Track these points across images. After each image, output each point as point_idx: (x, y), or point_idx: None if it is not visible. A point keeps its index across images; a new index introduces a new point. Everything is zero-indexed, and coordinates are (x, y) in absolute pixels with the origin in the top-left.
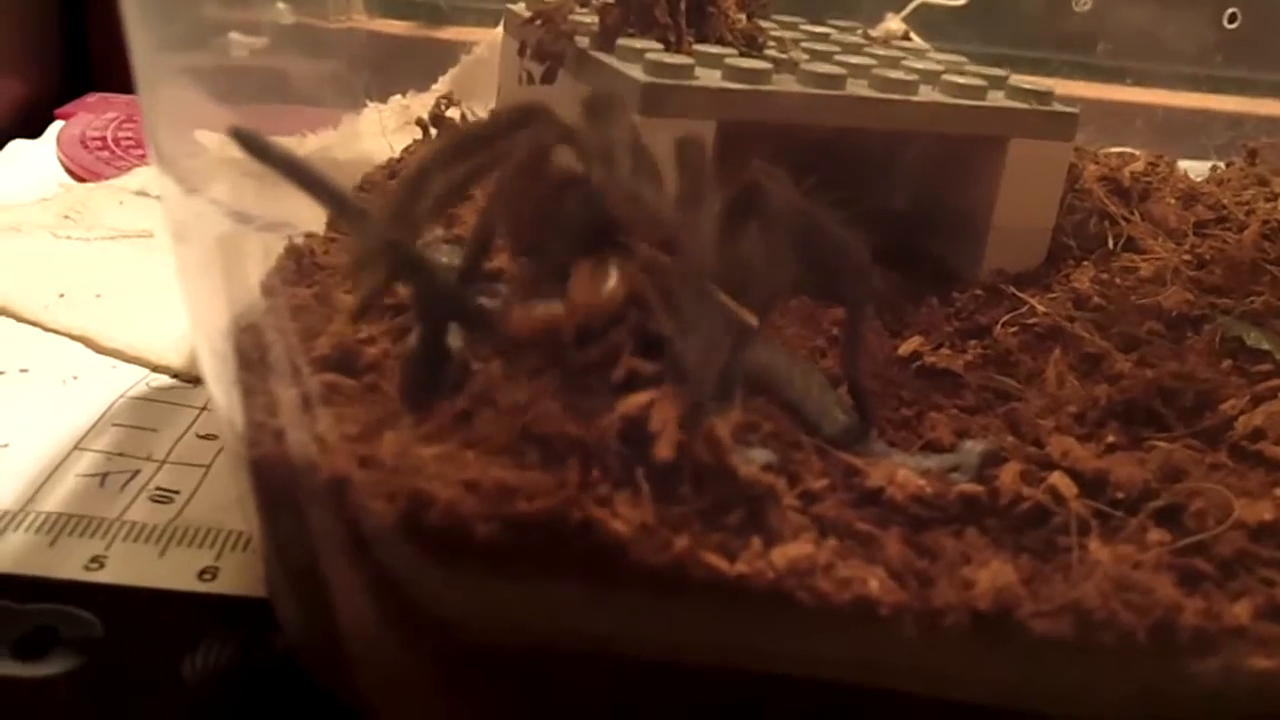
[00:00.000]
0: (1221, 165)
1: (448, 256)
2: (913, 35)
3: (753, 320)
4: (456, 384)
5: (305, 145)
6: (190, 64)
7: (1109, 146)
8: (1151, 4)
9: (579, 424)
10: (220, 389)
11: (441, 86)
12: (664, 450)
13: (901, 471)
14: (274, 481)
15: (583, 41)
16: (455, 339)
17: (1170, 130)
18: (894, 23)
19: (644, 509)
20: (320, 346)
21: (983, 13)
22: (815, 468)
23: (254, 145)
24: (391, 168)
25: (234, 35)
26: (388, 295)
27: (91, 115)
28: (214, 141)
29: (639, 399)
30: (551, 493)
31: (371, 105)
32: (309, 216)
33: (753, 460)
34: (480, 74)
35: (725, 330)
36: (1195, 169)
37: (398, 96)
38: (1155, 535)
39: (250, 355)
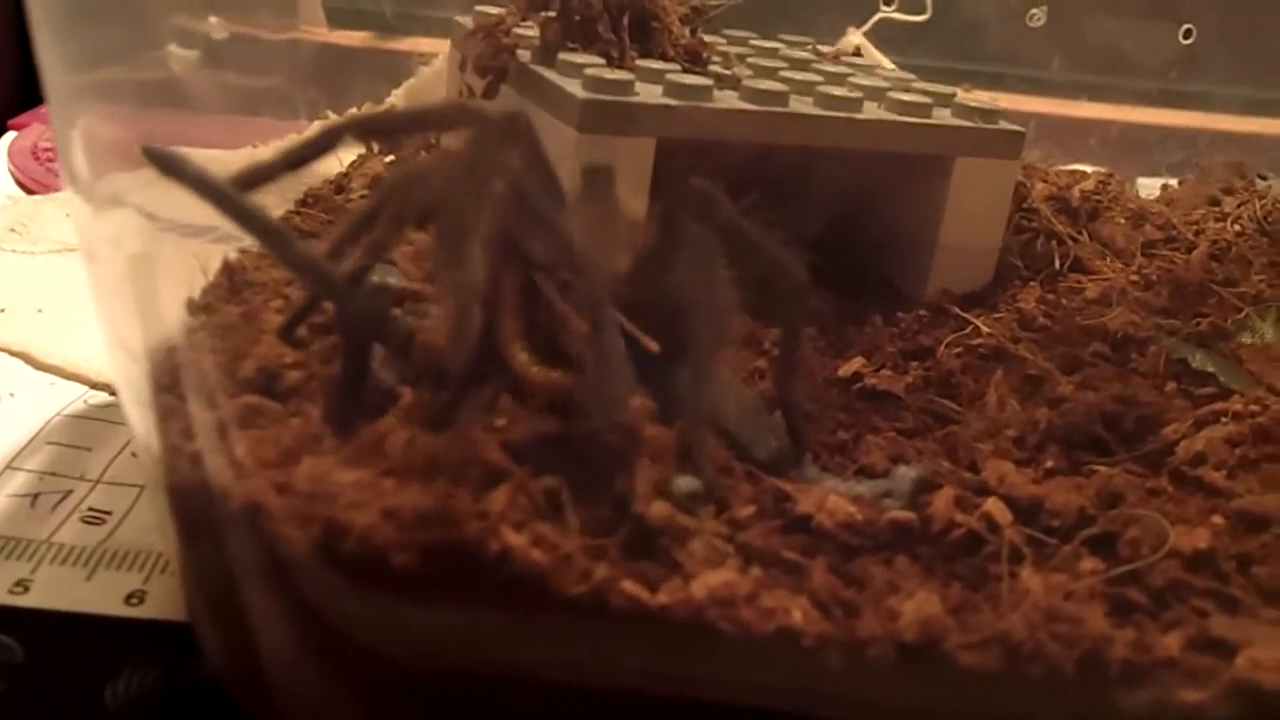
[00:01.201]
0: (1174, 183)
1: (379, 275)
2: (868, 50)
3: (652, 345)
4: (379, 408)
5: (257, 156)
6: (113, 79)
7: (1065, 163)
8: (1107, 20)
9: (498, 451)
10: (136, 411)
11: (396, 99)
12: None
13: (832, 498)
14: (191, 506)
15: (525, 55)
16: (381, 362)
17: (1125, 147)
18: (854, 37)
19: (564, 537)
20: (244, 368)
21: (943, 28)
22: (744, 493)
23: (166, 163)
24: (338, 182)
25: (173, 48)
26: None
27: (44, 126)
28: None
29: None
30: (468, 521)
31: (320, 118)
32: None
33: (679, 488)
34: (436, 87)
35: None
36: (1149, 185)
37: (352, 110)
38: (1089, 564)
39: (168, 377)
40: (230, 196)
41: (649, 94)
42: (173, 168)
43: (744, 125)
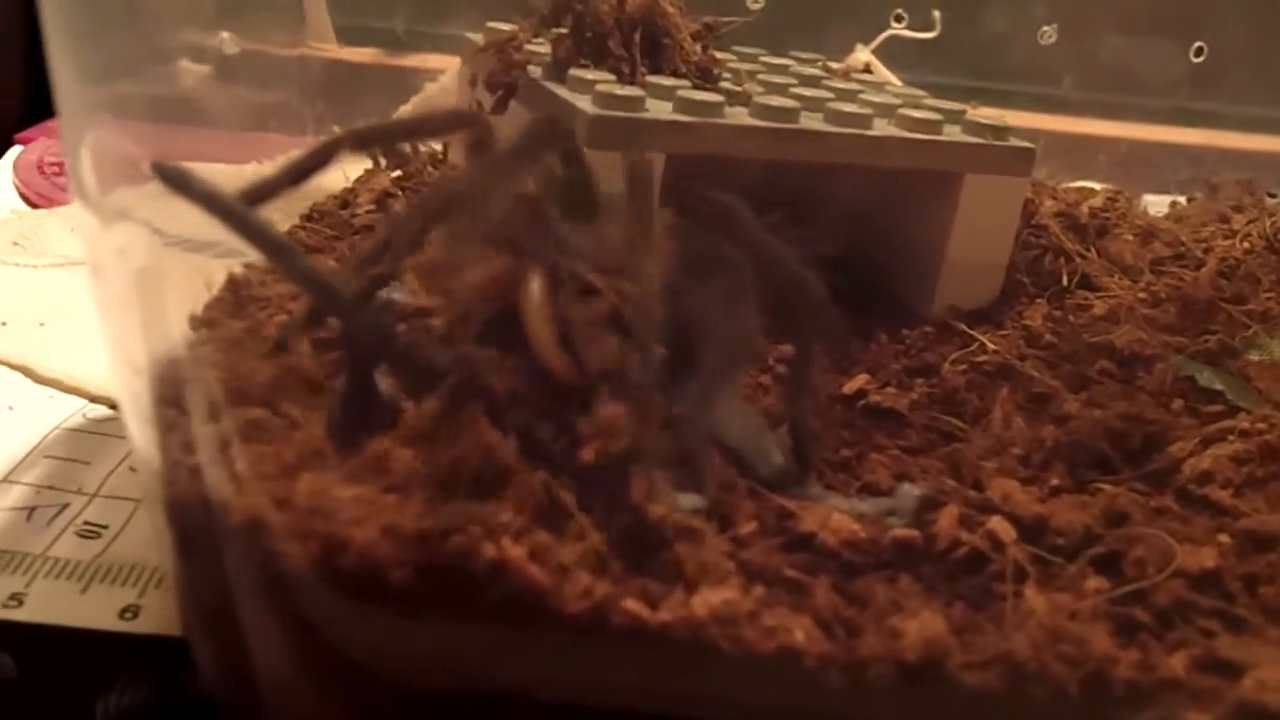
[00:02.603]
0: (1183, 201)
1: (386, 292)
2: (877, 67)
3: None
4: (383, 424)
5: (261, 171)
6: (124, 93)
7: (1073, 180)
8: (1118, 38)
9: (499, 466)
10: (137, 425)
11: (403, 115)
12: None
13: (835, 516)
14: (189, 520)
15: (536, 72)
16: (387, 378)
17: (1134, 164)
18: (863, 54)
19: (564, 554)
20: (246, 382)
21: (951, 45)
22: (747, 511)
23: (175, 179)
24: (344, 197)
25: (185, 63)
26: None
27: (50, 140)
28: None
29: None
30: (467, 536)
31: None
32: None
33: (681, 505)
34: (444, 103)
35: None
36: (1155, 202)
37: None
38: (1093, 583)
39: (170, 391)
40: (238, 213)
41: (660, 110)
42: (181, 183)
43: (754, 142)
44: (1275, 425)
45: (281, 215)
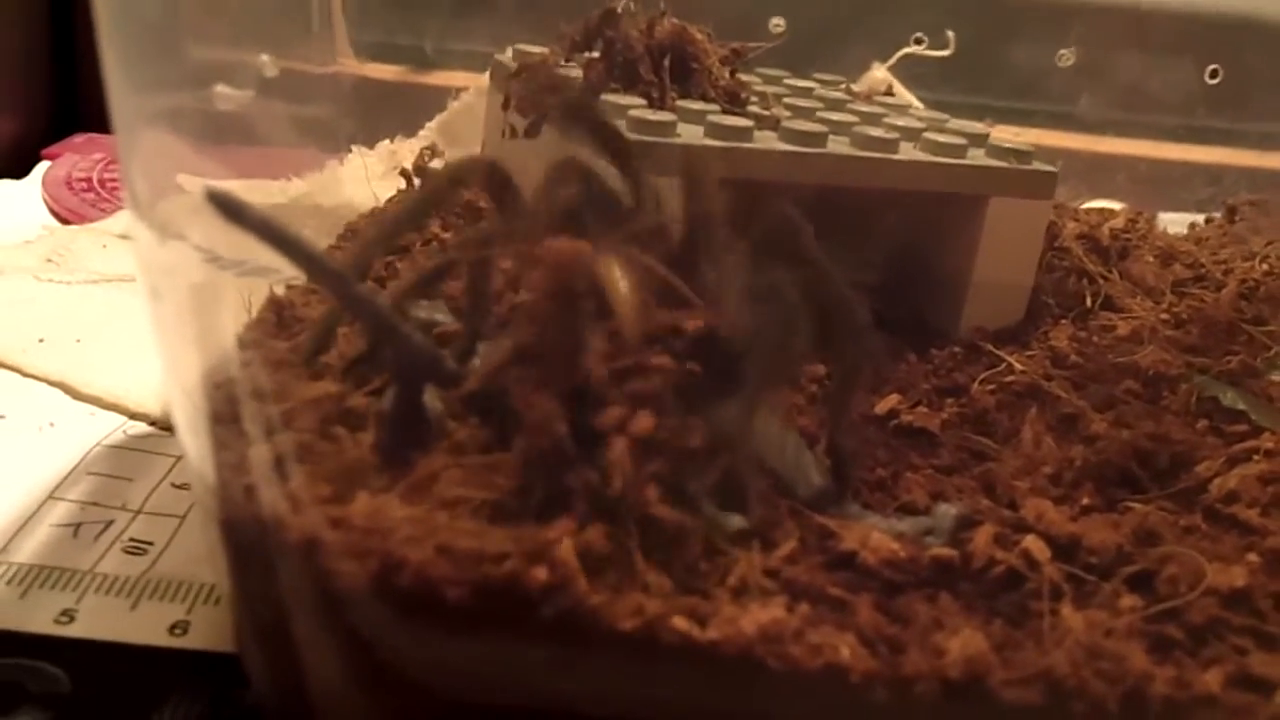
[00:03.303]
0: (1201, 221)
1: (427, 312)
2: (896, 87)
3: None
4: (431, 444)
5: (290, 190)
6: (171, 108)
7: (1093, 199)
8: (1135, 61)
9: (550, 485)
10: (193, 442)
11: (429, 133)
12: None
13: (875, 535)
14: (244, 538)
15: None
16: (434, 400)
17: (1153, 183)
18: (879, 72)
19: (616, 573)
20: (296, 402)
21: (968, 64)
22: (789, 530)
23: (228, 208)
24: (376, 215)
25: (220, 88)
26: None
27: (78, 156)
28: (196, 187)
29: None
30: (521, 557)
31: (358, 150)
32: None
33: (727, 526)
34: (468, 120)
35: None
36: (1177, 220)
37: (385, 142)
38: (1128, 601)
39: (224, 409)
40: (292, 241)
41: (691, 135)
42: (234, 212)
43: (784, 166)
44: None
45: (316, 233)
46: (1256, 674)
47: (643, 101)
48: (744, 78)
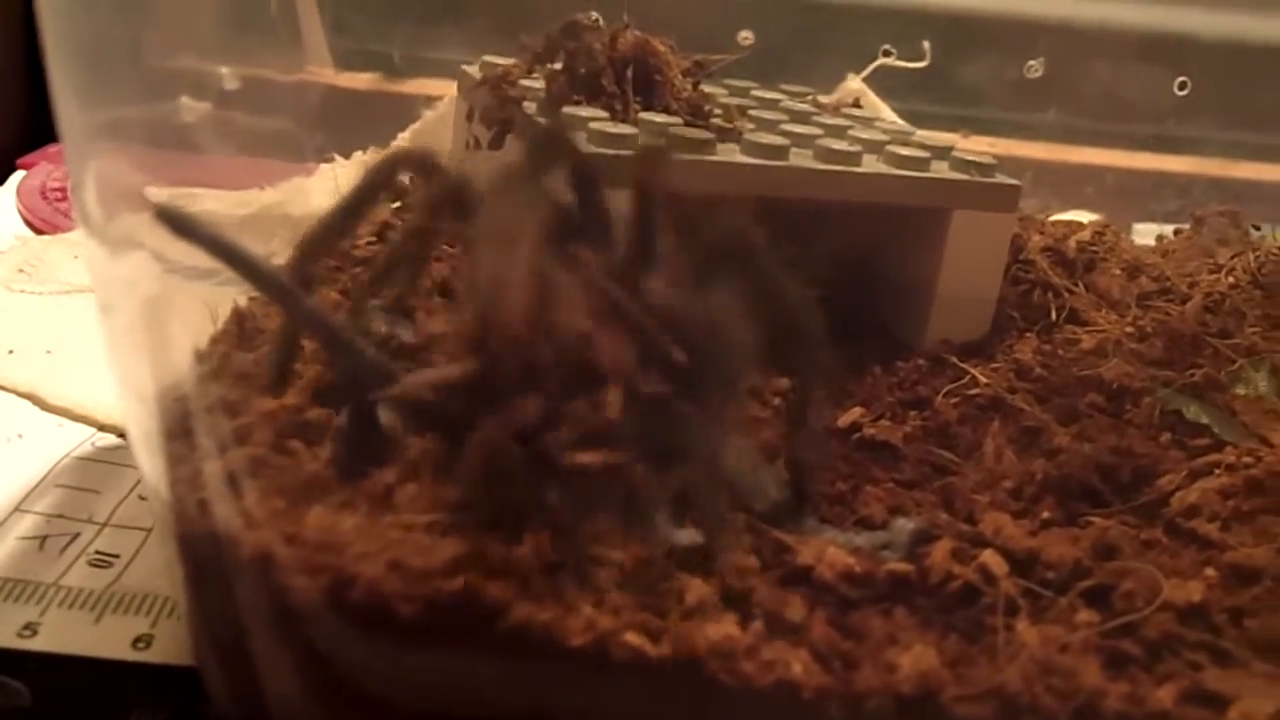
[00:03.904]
0: (1169, 232)
1: (387, 325)
2: (866, 99)
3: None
4: (386, 460)
5: (263, 199)
6: (122, 121)
7: (1062, 210)
8: (1104, 71)
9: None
10: (147, 457)
11: (401, 142)
12: None
13: (831, 550)
14: (200, 553)
15: (532, 108)
16: (390, 414)
17: (1123, 194)
18: (853, 83)
19: (567, 589)
20: (252, 417)
21: (943, 75)
22: (744, 545)
23: (179, 224)
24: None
25: (184, 100)
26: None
27: (52, 165)
28: (164, 198)
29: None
30: (473, 573)
31: (336, 160)
32: None
33: (680, 541)
34: (441, 130)
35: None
36: (1149, 231)
37: (359, 153)
38: (1084, 616)
39: (179, 424)
40: (242, 255)
41: None
42: (185, 227)
43: (745, 179)
44: (1260, 459)
45: (281, 245)
46: (1210, 690)
47: (605, 114)
48: (710, 89)
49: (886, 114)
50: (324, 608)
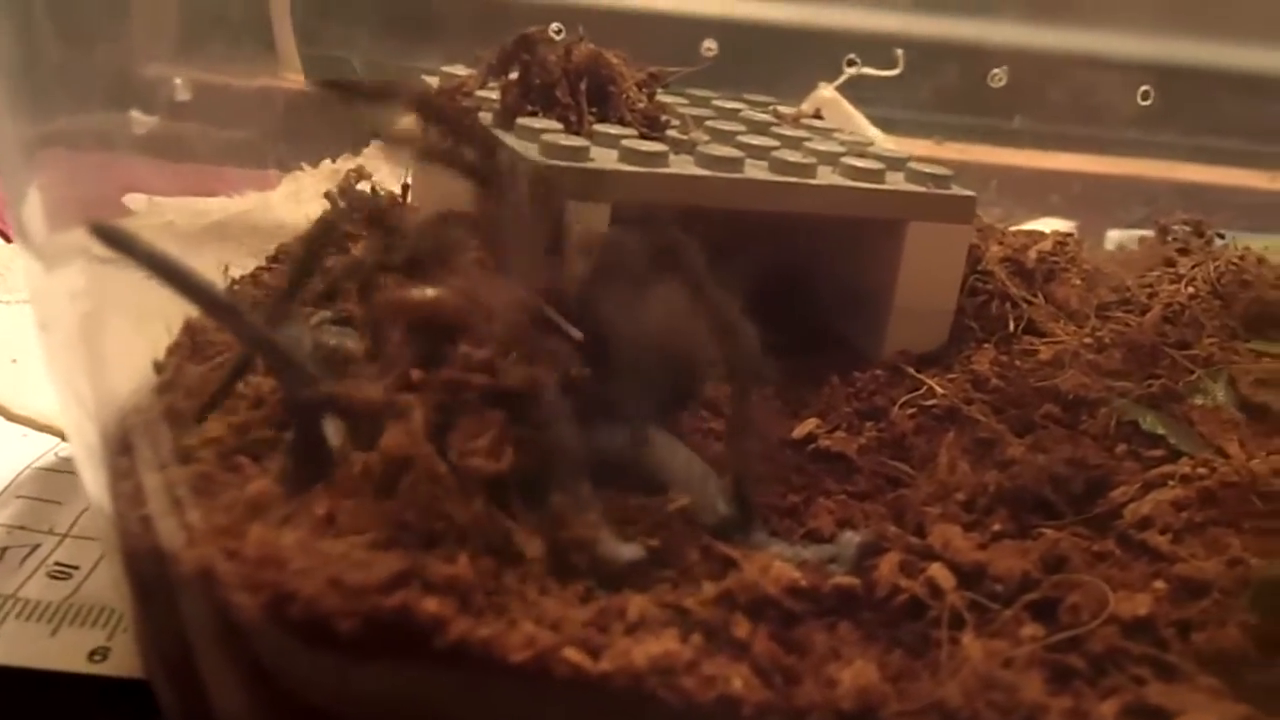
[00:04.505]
0: (1136, 237)
1: (337, 339)
2: (840, 107)
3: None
4: (332, 475)
5: (231, 207)
6: (76, 132)
7: (1032, 218)
8: (1069, 80)
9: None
10: (91, 472)
11: (373, 151)
12: None
13: (776, 564)
14: (143, 569)
15: (488, 119)
16: (335, 430)
17: (1093, 202)
18: (827, 92)
19: (506, 604)
20: (200, 431)
21: (915, 82)
22: (689, 558)
23: (115, 241)
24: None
25: (134, 114)
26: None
27: None
28: (141, 205)
29: None
30: (411, 589)
31: (296, 169)
32: None
33: (621, 556)
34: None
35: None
36: (1123, 239)
37: (327, 161)
38: (1029, 630)
39: (123, 439)
40: (181, 272)
41: (604, 159)
42: (122, 244)
43: (698, 190)
44: (1215, 470)
45: (247, 255)
46: (1153, 704)
47: (559, 125)
48: (669, 99)
49: (860, 122)
50: (266, 624)
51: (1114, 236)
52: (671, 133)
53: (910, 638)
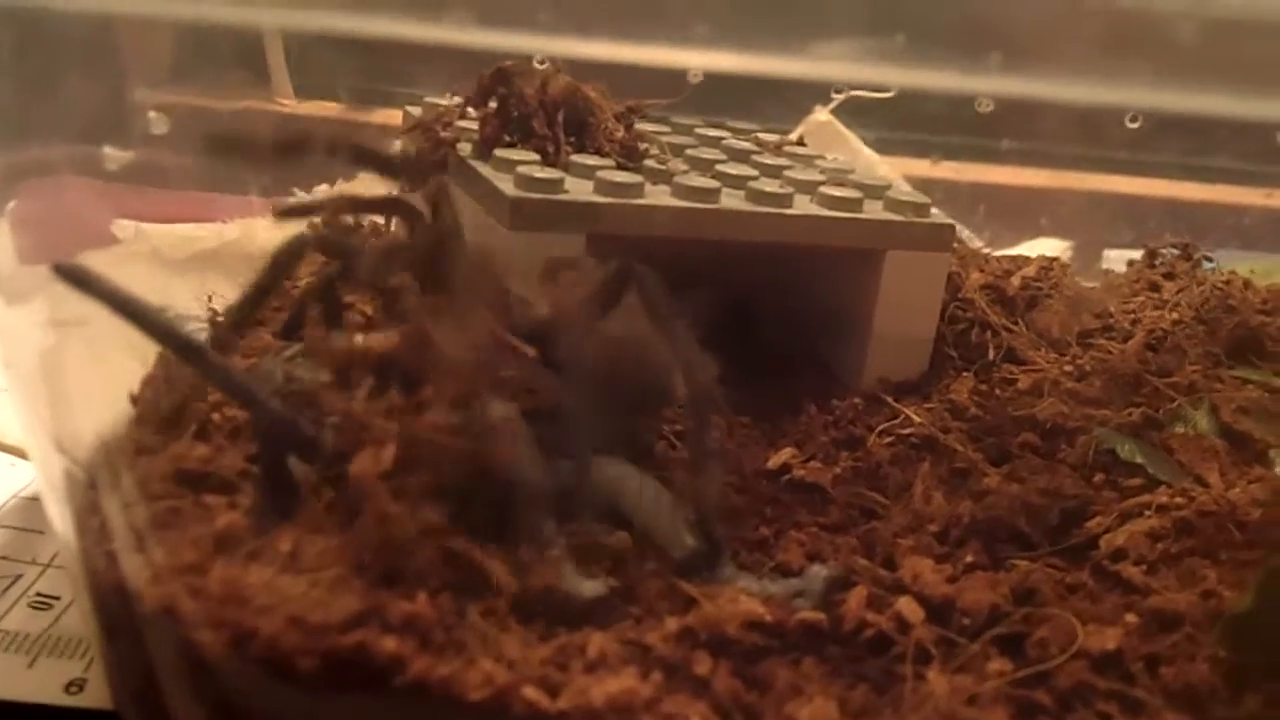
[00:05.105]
0: (1132, 257)
1: (310, 373)
2: (834, 130)
3: None
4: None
5: (224, 234)
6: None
7: (1023, 239)
8: (1058, 102)
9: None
10: (57, 507)
11: (366, 176)
12: None
13: (742, 599)
14: (109, 604)
15: (468, 149)
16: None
17: (1085, 225)
18: (821, 115)
19: (465, 642)
20: (164, 466)
21: (910, 103)
22: (650, 594)
23: (79, 280)
24: None
25: (107, 149)
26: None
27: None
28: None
29: None
30: (369, 627)
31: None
32: None
33: (583, 592)
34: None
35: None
36: (1116, 259)
37: (323, 186)
38: (996, 665)
39: (89, 475)
40: (144, 311)
41: (580, 190)
42: (83, 282)
43: (673, 221)
44: (1192, 499)
45: (226, 284)
46: None
47: (536, 157)
48: (650, 128)
49: (855, 144)
50: (228, 661)
51: (1111, 256)
52: (650, 163)
53: (875, 673)
